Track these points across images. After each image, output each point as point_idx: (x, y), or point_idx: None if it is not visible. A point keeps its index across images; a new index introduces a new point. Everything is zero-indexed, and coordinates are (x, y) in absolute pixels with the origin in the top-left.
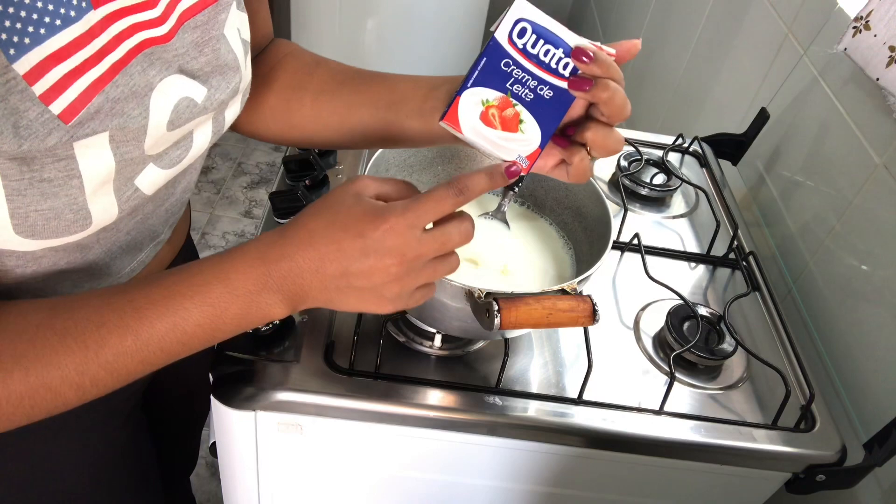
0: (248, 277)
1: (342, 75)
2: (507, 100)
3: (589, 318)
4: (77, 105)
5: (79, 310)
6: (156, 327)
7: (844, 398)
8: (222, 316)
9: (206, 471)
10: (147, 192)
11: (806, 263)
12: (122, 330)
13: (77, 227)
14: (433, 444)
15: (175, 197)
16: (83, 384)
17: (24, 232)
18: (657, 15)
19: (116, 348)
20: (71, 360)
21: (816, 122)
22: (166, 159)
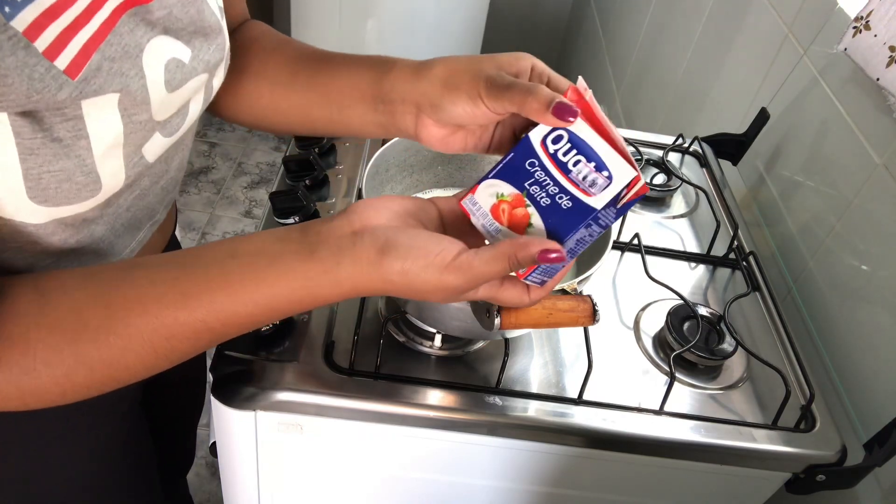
0: (294, 296)
1: (296, 64)
2: (520, 198)
3: (589, 318)
4: (79, 60)
5: (131, 276)
6: (214, 328)
7: (844, 398)
8: (275, 312)
9: (206, 471)
10: (150, 159)
11: (806, 263)
12: (127, 326)
13: (87, 191)
14: (433, 444)
15: (170, 174)
16: (93, 378)
17: (37, 197)
18: (657, 15)
19: (181, 334)
20: (98, 356)
21: (816, 122)
22: (168, 127)
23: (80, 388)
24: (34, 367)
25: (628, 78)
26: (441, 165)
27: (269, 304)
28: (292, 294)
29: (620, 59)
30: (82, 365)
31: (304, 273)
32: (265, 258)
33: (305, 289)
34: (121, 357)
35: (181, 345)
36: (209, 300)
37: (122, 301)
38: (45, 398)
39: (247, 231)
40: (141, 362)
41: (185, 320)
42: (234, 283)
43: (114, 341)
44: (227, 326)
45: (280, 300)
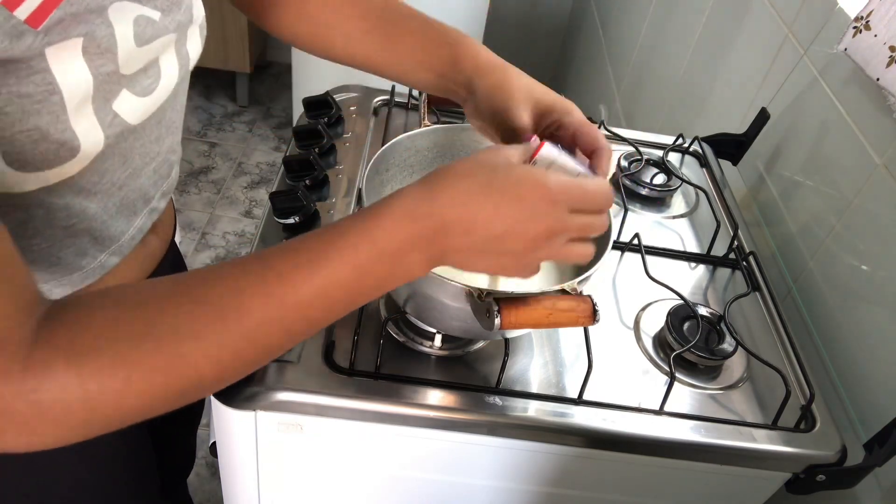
0: (396, 237)
1: (368, 21)
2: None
3: (589, 318)
4: (40, 13)
5: (211, 279)
6: (301, 292)
7: (844, 398)
8: (366, 278)
9: (206, 471)
10: (127, 119)
11: (806, 263)
12: (265, 297)
13: (66, 151)
14: (433, 443)
15: (161, 157)
16: (222, 358)
17: (14, 161)
18: (657, 14)
19: (259, 316)
20: (210, 331)
21: (816, 123)
22: (138, 86)
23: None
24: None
25: (628, 78)
26: (441, 165)
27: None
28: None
29: (620, 58)
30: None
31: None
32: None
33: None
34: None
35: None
36: (291, 282)
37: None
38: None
39: (247, 231)
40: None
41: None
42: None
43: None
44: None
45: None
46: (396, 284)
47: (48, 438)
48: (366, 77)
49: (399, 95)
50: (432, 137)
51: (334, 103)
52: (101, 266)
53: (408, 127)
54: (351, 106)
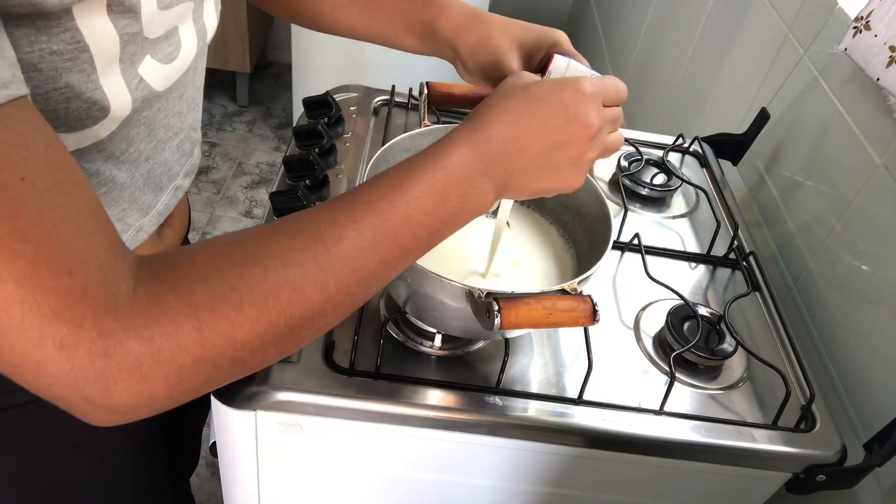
0: (465, 163)
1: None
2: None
3: (589, 318)
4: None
5: (302, 217)
6: (391, 219)
7: (845, 398)
8: (445, 204)
9: (207, 470)
10: (152, 84)
11: (806, 264)
12: (358, 224)
13: (96, 111)
14: (433, 443)
15: (184, 133)
16: (327, 283)
17: (49, 121)
18: (658, 14)
19: (355, 242)
20: (310, 256)
21: (817, 123)
22: (160, 53)
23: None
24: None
25: (628, 77)
26: None
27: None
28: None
29: (620, 58)
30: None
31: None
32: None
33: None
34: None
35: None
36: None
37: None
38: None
39: None
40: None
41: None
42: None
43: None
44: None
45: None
46: (471, 215)
47: (158, 386)
48: (366, 77)
49: (399, 95)
50: (432, 137)
51: (334, 103)
52: (129, 240)
53: (408, 127)
54: (351, 106)
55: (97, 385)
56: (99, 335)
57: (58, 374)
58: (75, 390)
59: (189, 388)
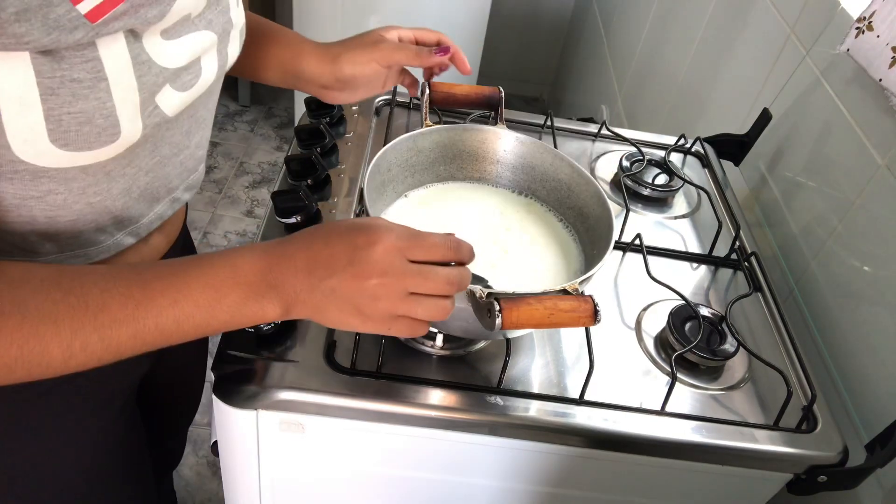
0: (252, 268)
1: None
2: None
3: (590, 318)
4: (104, 7)
5: (87, 274)
6: (157, 300)
7: (846, 399)
8: (222, 301)
9: (207, 470)
10: (166, 111)
11: (808, 264)
12: (125, 298)
13: (107, 136)
14: (435, 443)
15: (189, 150)
16: (73, 346)
17: (58, 140)
18: (659, 15)
19: (115, 314)
20: (68, 317)
21: (819, 123)
22: (179, 82)
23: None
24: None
25: (630, 78)
26: (443, 165)
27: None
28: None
29: (622, 58)
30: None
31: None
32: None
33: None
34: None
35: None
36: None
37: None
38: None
39: (248, 231)
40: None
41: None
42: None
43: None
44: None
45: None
46: (249, 320)
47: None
48: None
49: (401, 95)
50: (434, 137)
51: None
52: (116, 244)
53: (410, 127)
54: (353, 106)
55: None
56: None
57: None
58: None
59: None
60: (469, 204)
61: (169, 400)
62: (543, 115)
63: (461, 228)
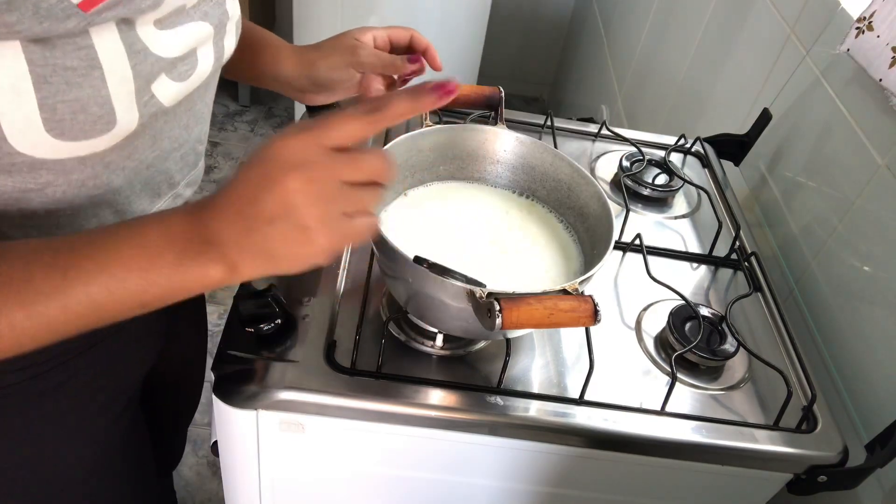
0: (183, 221)
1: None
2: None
3: (590, 318)
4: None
5: (14, 248)
6: (84, 265)
7: (846, 399)
8: (156, 262)
9: (207, 470)
10: (162, 101)
11: (808, 264)
12: (50, 268)
13: (103, 124)
14: (435, 443)
15: (189, 145)
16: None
17: (53, 129)
18: (659, 14)
19: (39, 286)
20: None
21: (819, 123)
22: (175, 72)
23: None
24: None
25: (630, 78)
26: (443, 165)
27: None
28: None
29: (622, 58)
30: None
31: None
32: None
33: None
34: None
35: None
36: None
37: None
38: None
39: None
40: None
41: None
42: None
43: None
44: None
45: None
46: (193, 286)
47: None
48: None
49: None
50: (434, 137)
51: (336, 102)
52: None
53: (409, 127)
54: None
55: None
56: None
57: None
58: None
59: None
60: (469, 204)
61: (169, 399)
62: (543, 115)
63: (461, 228)
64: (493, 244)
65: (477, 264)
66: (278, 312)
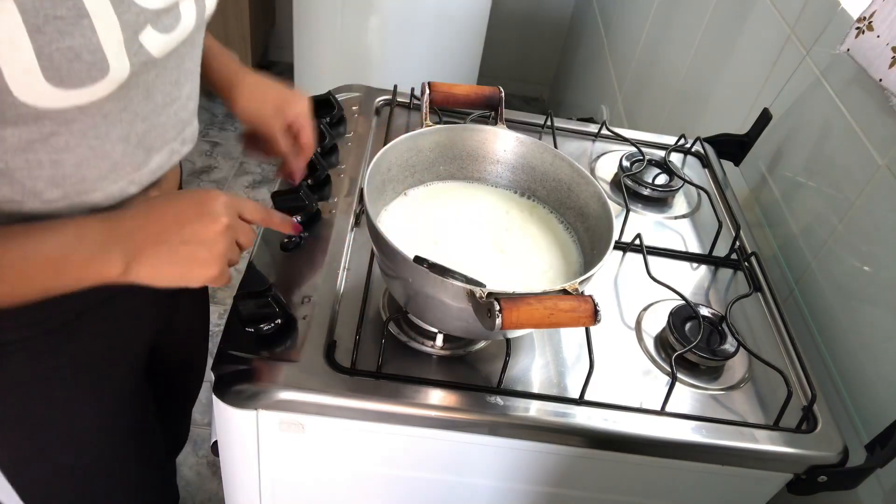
0: (97, 226)
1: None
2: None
3: (590, 318)
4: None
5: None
6: (18, 247)
7: (846, 399)
8: (68, 258)
9: (207, 470)
10: (151, 51)
11: (808, 264)
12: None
13: (96, 71)
14: (435, 443)
15: (181, 102)
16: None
17: (52, 77)
18: (660, 15)
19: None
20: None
21: (819, 123)
22: (160, 23)
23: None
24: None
25: (630, 78)
26: (443, 165)
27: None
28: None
29: (622, 58)
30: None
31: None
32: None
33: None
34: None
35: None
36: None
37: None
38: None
39: None
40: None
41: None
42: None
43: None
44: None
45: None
46: (95, 274)
47: None
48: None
49: (401, 95)
50: (434, 137)
51: (336, 103)
52: (121, 191)
53: (410, 127)
54: (353, 106)
55: None
56: None
57: None
58: None
59: None
60: (469, 204)
61: (173, 377)
62: (543, 115)
63: (461, 228)
64: (493, 244)
65: (477, 264)
66: (278, 312)
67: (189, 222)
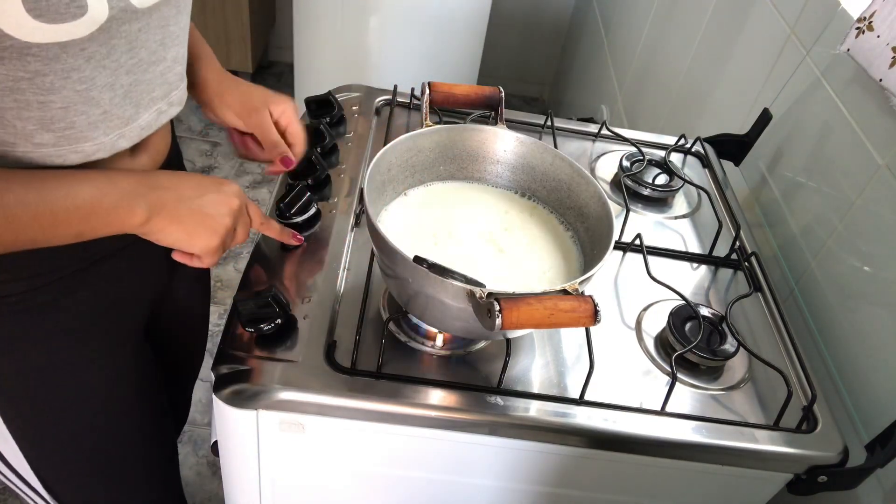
0: (128, 177)
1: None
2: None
3: (590, 318)
4: None
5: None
6: (52, 191)
7: (846, 399)
8: (101, 202)
9: (207, 470)
10: (132, 1)
11: (808, 264)
12: (27, 187)
13: (75, 7)
14: (435, 443)
15: (167, 63)
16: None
17: (32, 10)
18: (660, 14)
19: (18, 196)
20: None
21: (819, 123)
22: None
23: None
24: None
25: (630, 78)
26: (443, 165)
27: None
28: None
29: (623, 58)
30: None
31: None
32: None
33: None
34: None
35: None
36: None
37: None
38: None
39: None
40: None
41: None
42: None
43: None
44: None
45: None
46: (118, 225)
47: None
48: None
49: (401, 95)
50: (434, 137)
51: (336, 103)
52: (111, 144)
53: (410, 127)
54: (353, 105)
55: None
56: None
57: None
58: None
59: None
60: (469, 204)
61: (174, 347)
62: (543, 115)
63: (460, 228)
64: (493, 244)
65: (477, 264)
66: (278, 312)
67: (208, 192)
